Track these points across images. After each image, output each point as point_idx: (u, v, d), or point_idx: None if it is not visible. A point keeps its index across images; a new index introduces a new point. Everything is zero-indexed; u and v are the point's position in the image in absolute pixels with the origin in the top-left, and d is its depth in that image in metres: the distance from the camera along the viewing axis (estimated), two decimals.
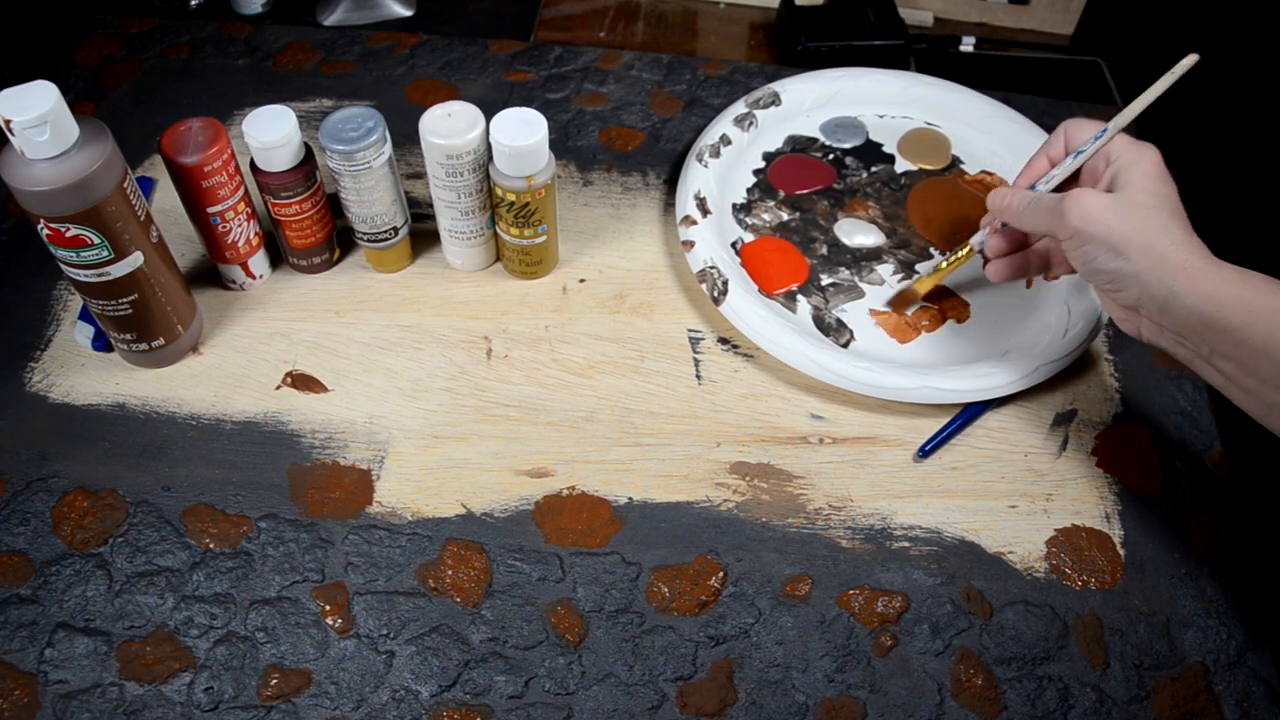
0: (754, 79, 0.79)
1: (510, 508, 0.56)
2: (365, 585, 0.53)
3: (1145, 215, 0.48)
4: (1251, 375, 0.45)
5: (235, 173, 0.59)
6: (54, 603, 0.52)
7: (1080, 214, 0.49)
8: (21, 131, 0.47)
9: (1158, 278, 0.47)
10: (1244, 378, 0.45)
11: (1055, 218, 0.50)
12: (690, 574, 0.54)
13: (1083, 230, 0.48)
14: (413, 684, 0.50)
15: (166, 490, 0.56)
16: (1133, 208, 0.48)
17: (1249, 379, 0.45)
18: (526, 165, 0.57)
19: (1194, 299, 0.45)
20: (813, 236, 0.68)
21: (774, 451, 0.58)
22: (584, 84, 0.78)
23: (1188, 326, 0.46)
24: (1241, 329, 0.44)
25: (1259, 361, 0.44)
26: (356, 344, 0.62)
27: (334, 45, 0.80)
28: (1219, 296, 0.45)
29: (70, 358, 0.61)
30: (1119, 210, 0.48)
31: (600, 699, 0.50)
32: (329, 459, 0.57)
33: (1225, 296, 0.45)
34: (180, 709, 0.49)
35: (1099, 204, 0.48)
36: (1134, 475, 0.58)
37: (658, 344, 0.63)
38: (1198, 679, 0.51)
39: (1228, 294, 0.45)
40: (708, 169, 0.69)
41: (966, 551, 0.55)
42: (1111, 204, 0.48)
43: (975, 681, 0.51)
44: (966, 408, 0.60)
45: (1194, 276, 0.46)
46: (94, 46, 0.80)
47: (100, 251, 0.52)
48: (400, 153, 0.72)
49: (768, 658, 0.51)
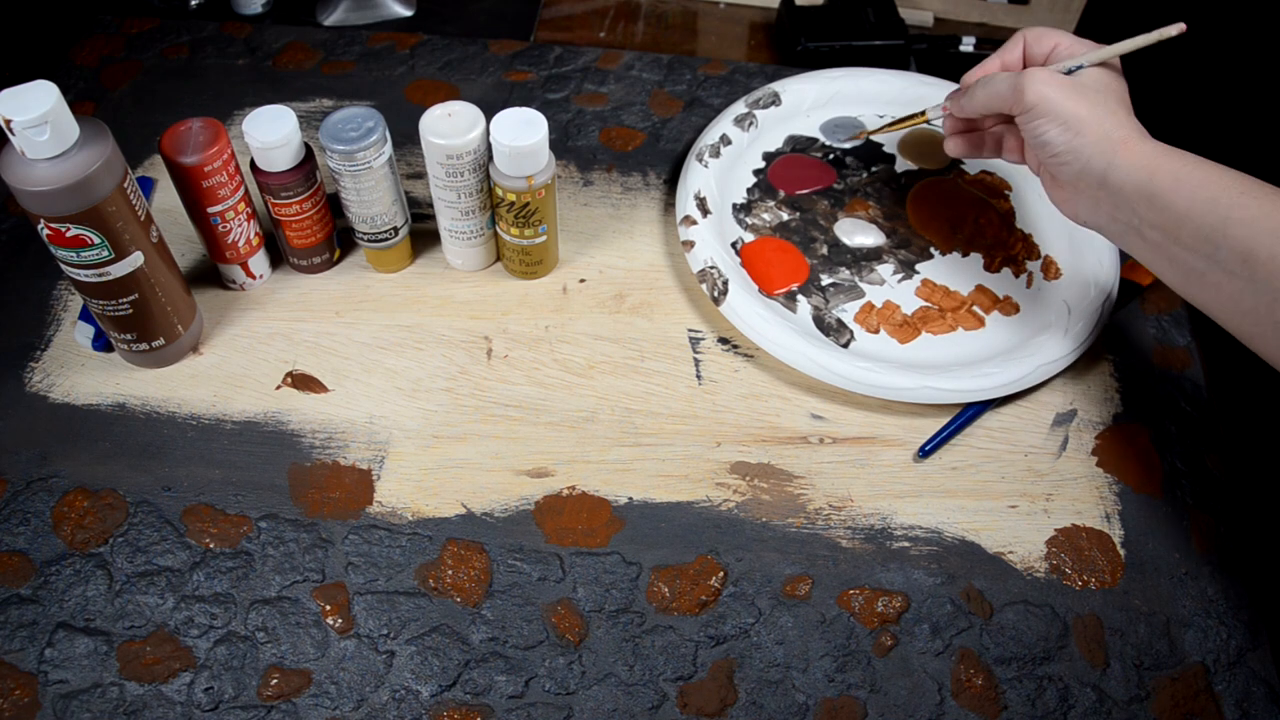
0: (754, 79, 0.79)
1: (510, 508, 0.56)
2: (365, 585, 0.53)
3: (1095, 97, 0.52)
4: (1175, 242, 0.49)
5: (235, 173, 0.59)
6: (54, 603, 0.52)
7: (1036, 91, 0.53)
8: (22, 131, 0.47)
9: (1101, 150, 0.51)
10: (1169, 245, 0.49)
11: (1013, 93, 0.54)
12: (690, 574, 0.54)
13: (1038, 105, 0.53)
14: (413, 684, 0.50)
15: (167, 490, 0.56)
16: (1084, 90, 0.53)
17: (1173, 246, 0.49)
18: (527, 165, 0.57)
19: (1130, 169, 0.50)
20: (813, 236, 0.68)
21: (774, 451, 0.58)
22: (584, 84, 0.78)
23: (1122, 196, 0.51)
24: (1168, 194, 0.49)
25: (1182, 227, 0.48)
26: (356, 344, 0.62)
27: (334, 45, 0.80)
28: (1152, 166, 0.49)
29: (70, 358, 0.61)
30: (1072, 91, 0.52)
31: (600, 699, 0.50)
32: (329, 459, 0.57)
33: (1158, 166, 0.49)
34: (180, 709, 0.49)
35: (1055, 82, 0.53)
36: (1134, 475, 0.58)
37: (658, 344, 0.63)
38: (1198, 679, 0.51)
39: (1160, 164, 0.49)
40: (708, 169, 0.69)
41: (966, 551, 0.55)
42: (1066, 84, 0.53)
43: (975, 681, 0.51)
44: (966, 408, 0.60)
45: (1132, 149, 0.50)
46: (94, 46, 0.80)
47: (100, 251, 0.52)
48: (400, 153, 0.72)
49: (768, 658, 0.51)
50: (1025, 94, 0.53)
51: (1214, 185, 0.47)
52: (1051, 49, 0.57)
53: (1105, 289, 0.63)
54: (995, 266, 0.66)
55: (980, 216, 0.69)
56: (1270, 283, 0.45)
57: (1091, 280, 0.64)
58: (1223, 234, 0.46)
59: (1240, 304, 0.47)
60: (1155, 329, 0.65)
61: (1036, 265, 0.66)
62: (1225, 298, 0.48)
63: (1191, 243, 0.48)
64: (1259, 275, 0.45)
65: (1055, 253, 0.67)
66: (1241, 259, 0.46)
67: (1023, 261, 0.67)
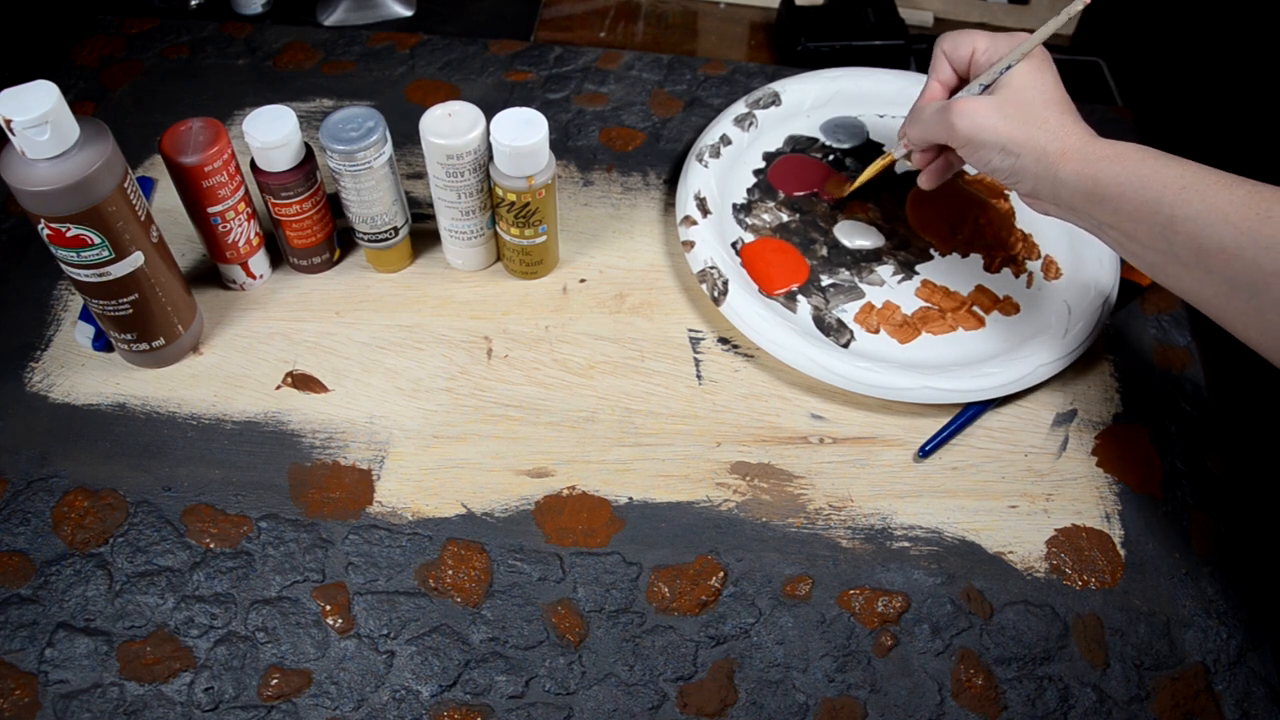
0: (754, 79, 0.79)
1: (511, 508, 0.56)
2: (366, 585, 0.53)
3: (1025, 111, 0.52)
4: (1133, 239, 0.50)
5: (235, 173, 0.59)
6: (54, 603, 0.52)
7: (967, 123, 0.53)
8: (22, 131, 0.47)
9: (1043, 167, 0.51)
10: (1128, 242, 0.50)
11: (944, 128, 0.54)
12: (690, 574, 0.54)
13: (974, 137, 0.53)
14: (413, 684, 0.50)
15: (167, 490, 0.56)
16: (1013, 106, 0.52)
17: (1132, 243, 0.50)
18: (527, 165, 0.57)
19: (1075, 180, 0.51)
20: (813, 238, 0.68)
21: (774, 451, 0.58)
22: (584, 84, 0.78)
23: (1076, 204, 0.51)
24: (1115, 200, 0.49)
25: (1136, 226, 0.49)
26: (357, 344, 0.62)
27: (334, 45, 0.80)
28: (1094, 174, 0.50)
29: (71, 358, 0.61)
30: (1001, 112, 0.52)
31: (600, 699, 0.50)
32: (329, 459, 0.57)
33: (1100, 174, 0.50)
34: (181, 709, 0.49)
35: (982, 110, 0.53)
36: (1134, 475, 0.58)
37: (658, 344, 0.63)
38: (1198, 679, 0.51)
39: (1102, 171, 0.49)
40: (708, 169, 0.69)
41: (967, 551, 0.55)
42: (993, 107, 0.53)
43: (975, 681, 0.51)
44: (966, 408, 0.60)
45: (1072, 160, 0.51)
46: (94, 46, 0.80)
47: (101, 251, 0.52)
48: (400, 153, 0.72)
49: (768, 658, 0.51)
50: (956, 128, 0.53)
51: (1155, 185, 0.48)
52: (970, 54, 0.57)
53: (1105, 289, 0.63)
54: (995, 267, 0.66)
55: (980, 217, 0.69)
56: (1224, 273, 0.46)
57: (1091, 280, 0.64)
58: (1173, 231, 0.47)
59: (1203, 293, 0.48)
60: (1155, 329, 0.65)
61: (1037, 265, 0.66)
62: (1189, 288, 0.48)
63: (1147, 240, 0.49)
64: (1213, 266, 0.46)
65: (1055, 253, 0.67)
66: (1195, 253, 0.47)
67: (1023, 262, 0.67)
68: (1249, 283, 0.45)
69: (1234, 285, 0.46)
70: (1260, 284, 0.44)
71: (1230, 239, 0.45)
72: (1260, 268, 0.44)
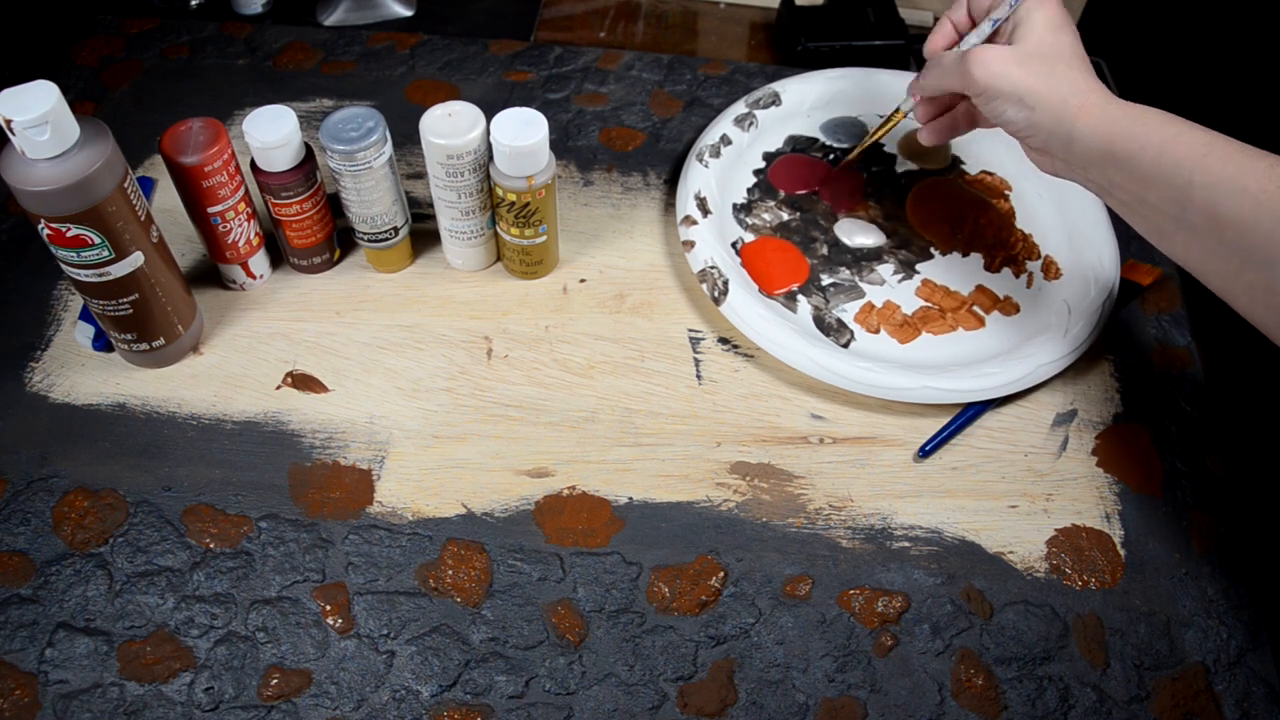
0: (754, 79, 0.79)
1: (511, 508, 0.56)
2: (366, 585, 0.53)
3: (1045, 64, 0.51)
4: (1143, 202, 0.49)
5: (235, 173, 0.59)
6: (54, 603, 0.52)
7: (984, 71, 0.52)
8: (22, 131, 0.47)
9: (1059, 120, 0.51)
10: (1138, 204, 0.49)
11: (962, 76, 0.54)
12: (690, 574, 0.54)
13: (990, 86, 0.52)
14: (413, 684, 0.50)
15: (167, 490, 0.56)
16: (1033, 58, 0.52)
17: (1142, 206, 0.49)
18: (527, 165, 0.57)
19: (1091, 136, 0.50)
20: (813, 237, 0.68)
21: (774, 451, 0.58)
22: (584, 84, 0.78)
23: (1089, 161, 0.50)
24: (1132, 159, 0.48)
25: (1148, 188, 0.48)
26: (357, 344, 0.62)
27: (334, 45, 0.80)
28: (1112, 132, 0.49)
29: (71, 358, 0.61)
30: (1020, 62, 0.52)
31: (601, 699, 0.50)
32: (329, 459, 0.57)
33: (1117, 132, 0.49)
34: (181, 709, 0.49)
35: (1000, 58, 0.52)
36: (1134, 475, 0.58)
37: (658, 344, 0.63)
38: (1198, 679, 0.51)
39: (1120, 129, 0.49)
40: (708, 169, 0.69)
41: (967, 551, 0.55)
42: (1012, 57, 0.52)
43: (975, 681, 0.51)
44: (967, 408, 0.60)
45: (1091, 115, 0.50)
46: (94, 46, 0.80)
47: (101, 251, 0.52)
48: (400, 153, 0.72)
49: (768, 658, 0.51)
50: (973, 76, 0.52)
51: (1177, 148, 0.47)
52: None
53: (1105, 289, 0.63)
54: (995, 266, 0.66)
55: (980, 216, 0.69)
56: (1238, 244, 0.45)
57: (1092, 280, 0.64)
58: (1188, 197, 0.46)
59: (1211, 264, 0.47)
60: (1155, 329, 0.65)
61: (1037, 265, 0.66)
62: (1196, 258, 0.48)
63: (1160, 204, 0.48)
64: (1226, 237, 0.45)
65: (1055, 252, 0.67)
66: (1209, 221, 0.46)
67: (1023, 261, 0.67)
68: (1262, 256, 0.44)
69: (1246, 258, 0.45)
70: (1274, 258, 0.44)
71: (1248, 209, 0.44)
72: (1275, 241, 0.43)
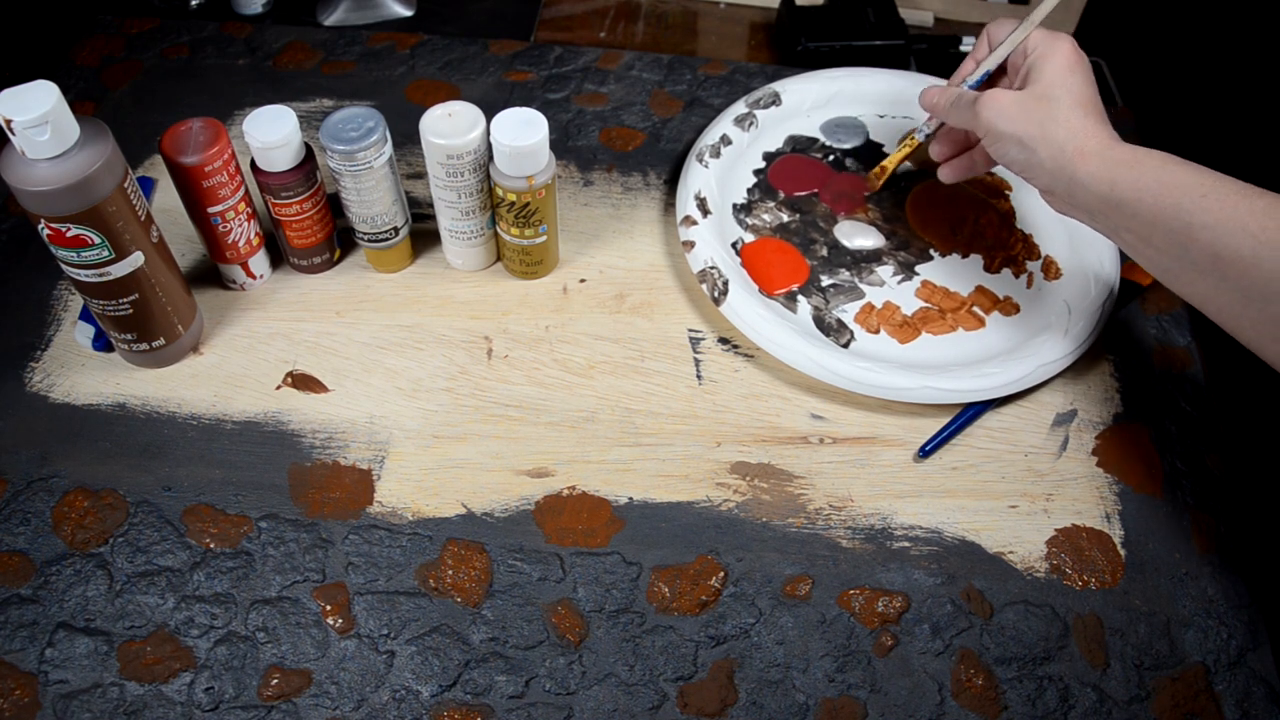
0: (754, 79, 0.79)
1: (511, 508, 0.56)
2: (366, 585, 0.53)
3: (1048, 108, 0.53)
4: (1149, 245, 0.50)
5: (235, 173, 0.59)
6: (54, 603, 0.52)
7: (989, 113, 0.54)
8: (22, 131, 0.47)
9: (1060, 166, 0.52)
10: (1144, 246, 0.50)
11: (971, 116, 0.56)
12: (690, 574, 0.54)
13: (994, 128, 0.54)
14: (413, 684, 0.50)
15: (167, 490, 0.56)
16: (1038, 101, 0.53)
17: (1148, 248, 0.50)
18: (527, 165, 0.57)
19: (1092, 182, 0.51)
20: (813, 238, 0.68)
21: (774, 451, 0.58)
22: (584, 84, 0.78)
23: (1092, 205, 0.52)
24: (1132, 204, 0.49)
25: (1152, 232, 0.49)
26: (357, 344, 0.62)
27: (334, 45, 0.80)
28: (1112, 177, 0.50)
29: (71, 358, 0.61)
30: (1024, 107, 0.53)
31: (601, 699, 0.50)
32: (329, 459, 0.57)
33: (1117, 177, 0.50)
34: (181, 709, 0.49)
35: (1005, 102, 0.54)
36: (1134, 475, 0.58)
37: (658, 344, 0.63)
38: (1198, 679, 0.51)
39: (1119, 176, 0.50)
40: (708, 169, 0.69)
41: (967, 551, 0.55)
42: (1017, 101, 0.54)
43: (976, 681, 0.51)
44: (967, 408, 0.60)
45: (1090, 161, 0.51)
46: (94, 46, 0.80)
47: (101, 251, 0.52)
48: (400, 153, 0.72)
49: (768, 658, 0.51)
50: (980, 118, 0.55)
51: (1175, 190, 0.48)
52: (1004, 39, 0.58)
53: (1105, 289, 0.63)
54: (995, 267, 0.66)
55: (980, 217, 0.69)
56: (1240, 282, 0.46)
57: (1092, 280, 0.64)
58: (1190, 238, 0.47)
59: (1217, 301, 0.48)
60: (1155, 329, 0.65)
61: (1037, 265, 0.66)
62: (1202, 295, 0.48)
63: (1163, 245, 0.49)
64: (1229, 275, 0.46)
65: (1055, 253, 0.67)
66: (1210, 260, 0.47)
67: (1023, 262, 0.67)
68: (1264, 293, 0.45)
69: (1248, 295, 0.46)
70: (1275, 294, 0.44)
71: (1248, 248, 0.45)
72: (1276, 278, 0.44)
